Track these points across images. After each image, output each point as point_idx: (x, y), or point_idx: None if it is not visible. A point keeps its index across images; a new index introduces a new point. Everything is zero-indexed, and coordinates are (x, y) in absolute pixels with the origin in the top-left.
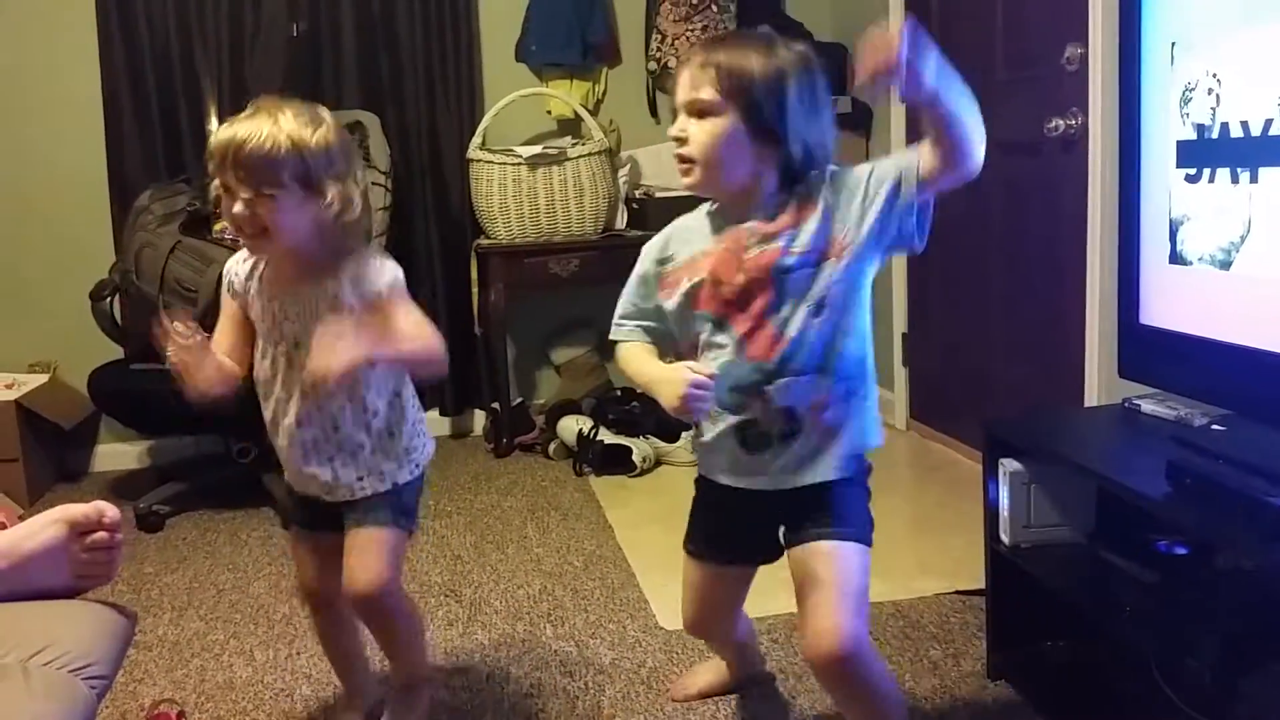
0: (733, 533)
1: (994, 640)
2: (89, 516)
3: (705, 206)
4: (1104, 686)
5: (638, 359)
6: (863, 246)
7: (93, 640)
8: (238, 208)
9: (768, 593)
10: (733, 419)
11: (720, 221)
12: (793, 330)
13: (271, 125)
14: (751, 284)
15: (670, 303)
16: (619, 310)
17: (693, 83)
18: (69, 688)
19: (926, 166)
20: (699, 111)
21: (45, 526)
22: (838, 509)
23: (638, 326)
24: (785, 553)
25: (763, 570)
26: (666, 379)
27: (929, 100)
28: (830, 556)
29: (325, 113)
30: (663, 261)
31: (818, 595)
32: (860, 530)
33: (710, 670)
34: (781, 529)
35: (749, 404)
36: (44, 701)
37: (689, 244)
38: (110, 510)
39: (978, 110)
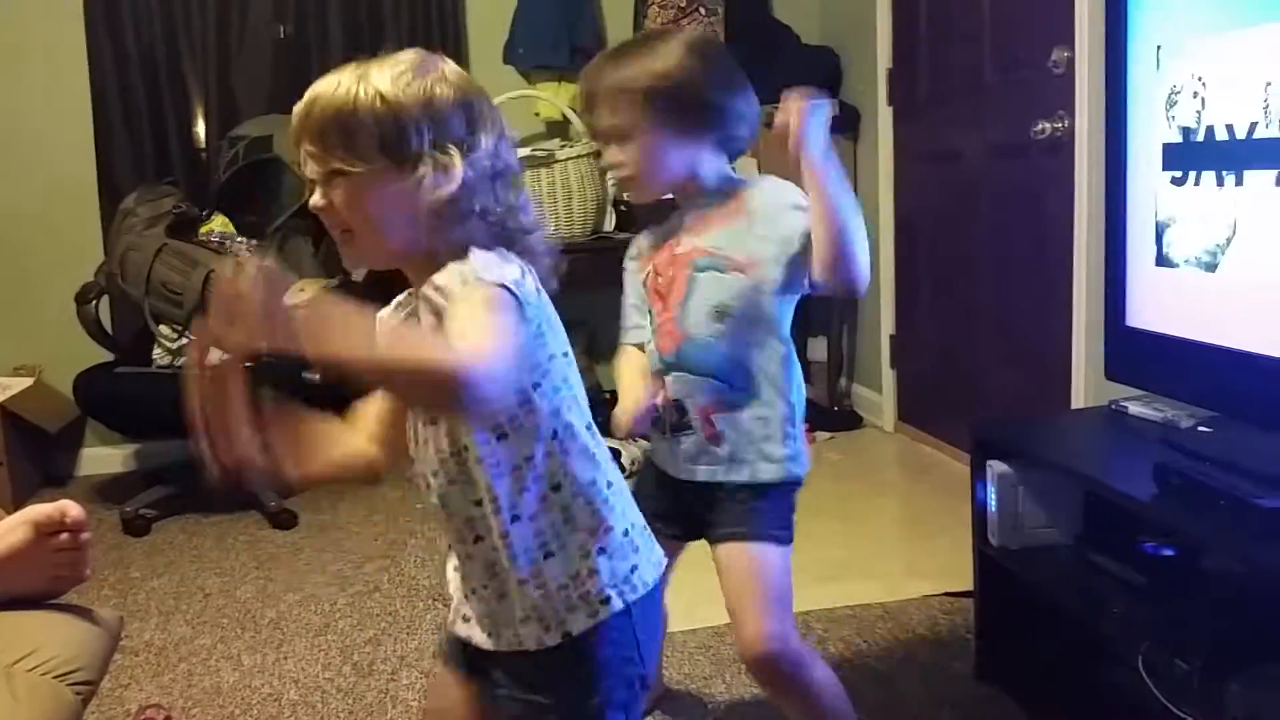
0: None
1: (982, 641)
2: (52, 517)
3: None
4: (1092, 687)
5: (619, 368)
6: (770, 283)
7: (78, 645)
8: (316, 195)
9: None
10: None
11: (678, 215)
12: (692, 328)
13: (349, 75)
14: (675, 275)
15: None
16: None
17: (602, 109)
18: (54, 693)
19: (814, 270)
20: (619, 136)
21: (11, 530)
22: (751, 512)
23: (630, 330)
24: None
25: (689, 583)
26: (620, 408)
27: (814, 178)
28: (744, 558)
29: (448, 64)
30: (633, 257)
31: (737, 600)
32: (775, 531)
33: None
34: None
35: (656, 390)
36: (29, 707)
37: (650, 235)
38: (74, 509)
39: (864, 236)
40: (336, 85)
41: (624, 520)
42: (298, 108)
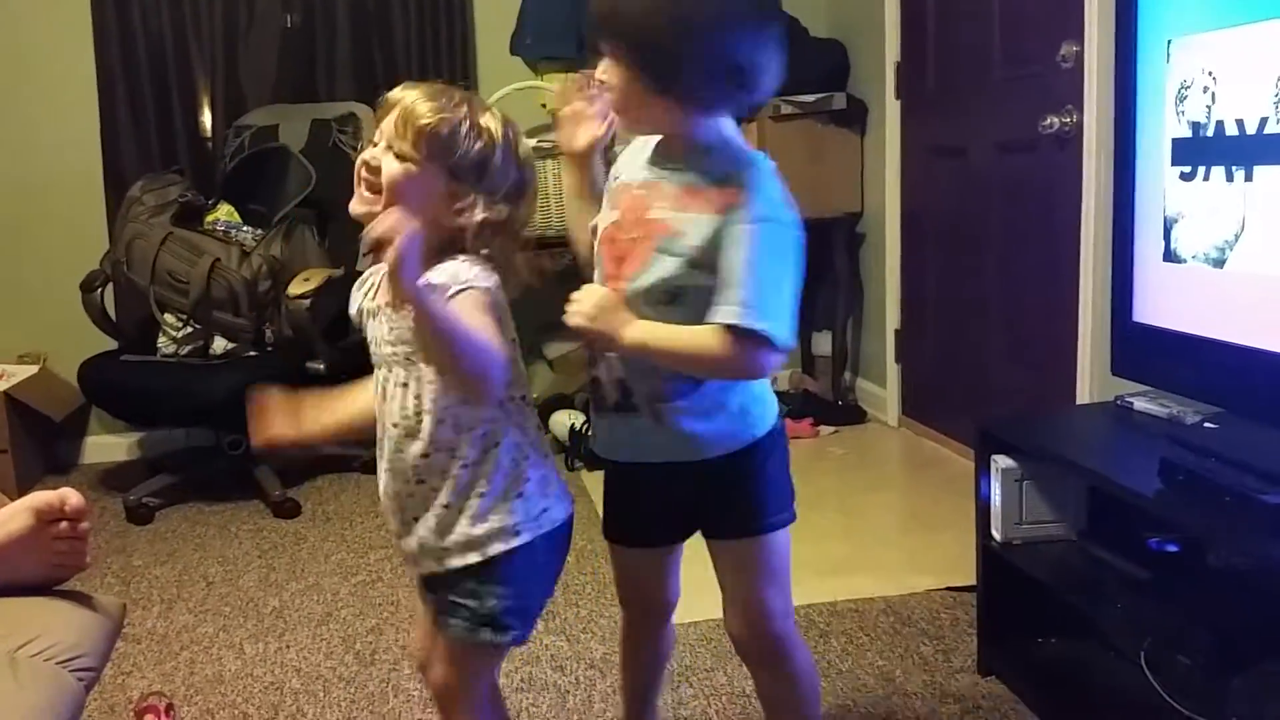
0: (635, 513)
1: (985, 636)
2: (52, 505)
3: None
4: (1095, 683)
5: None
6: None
7: (81, 632)
8: (374, 150)
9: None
10: (590, 371)
11: (658, 157)
12: (642, 307)
13: (463, 102)
14: (638, 242)
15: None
16: None
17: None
18: (57, 679)
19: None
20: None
21: (12, 517)
22: (738, 498)
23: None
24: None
25: (689, 577)
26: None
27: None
28: (738, 554)
29: (525, 138)
30: (614, 177)
31: (730, 591)
32: (768, 517)
33: None
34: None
35: (595, 361)
36: (32, 693)
37: (629, 165)
38: (73, 497)
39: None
40: (451, 102)
41: (539, 471)
42: (399, 96)
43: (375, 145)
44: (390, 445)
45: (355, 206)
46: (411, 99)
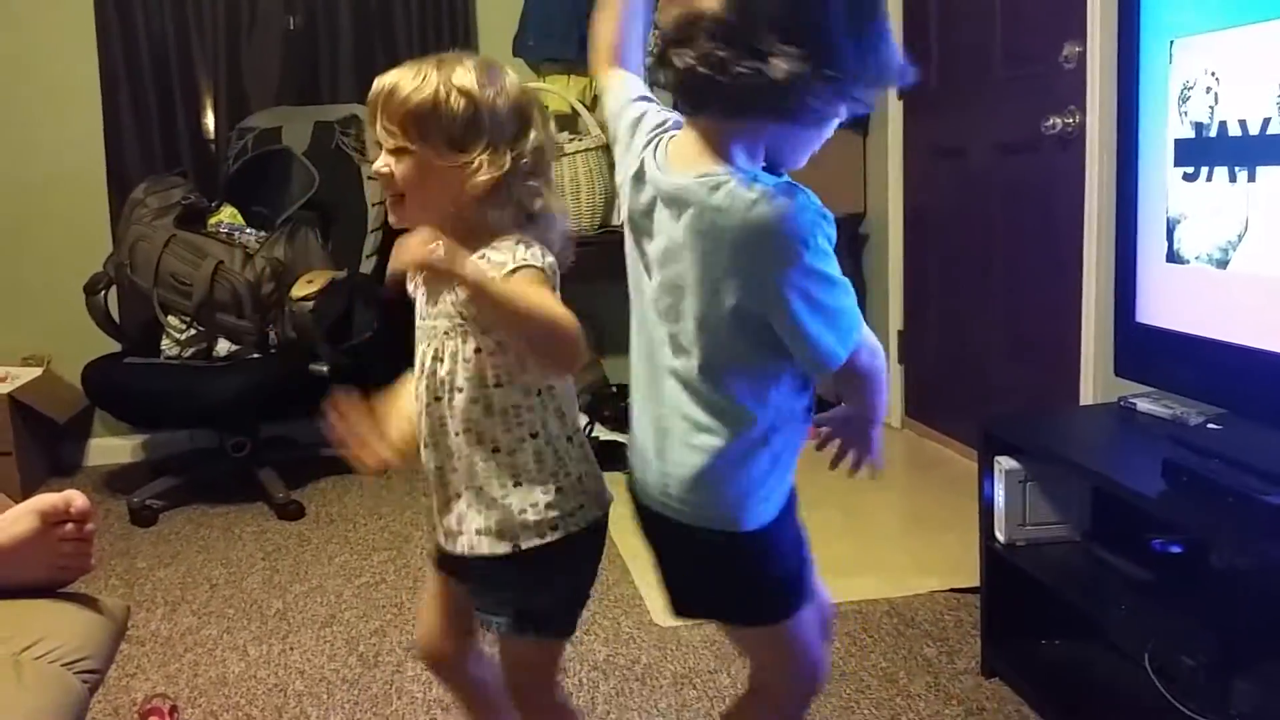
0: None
1: (989, 638)
2: (57, 507)
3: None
4: (1099, 684)
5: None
6: None
7: (85, 634)
8: (378, 162)
9: None
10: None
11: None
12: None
13: (432, 72)
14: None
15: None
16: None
17: None
18: (61, 682)
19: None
20: None
21: (17, 519)
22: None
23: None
24: None
25: None
26: None
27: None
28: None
29: (509, 75)
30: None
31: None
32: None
33: None
34: None
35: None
36: (36, 695)
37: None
38: (79, 499)
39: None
40: (421, 78)
41: (579, 468)
42: (374, 92)
43: (378, 154)
44: (429, 422)
45: (393, 219)
46: (385, 91)
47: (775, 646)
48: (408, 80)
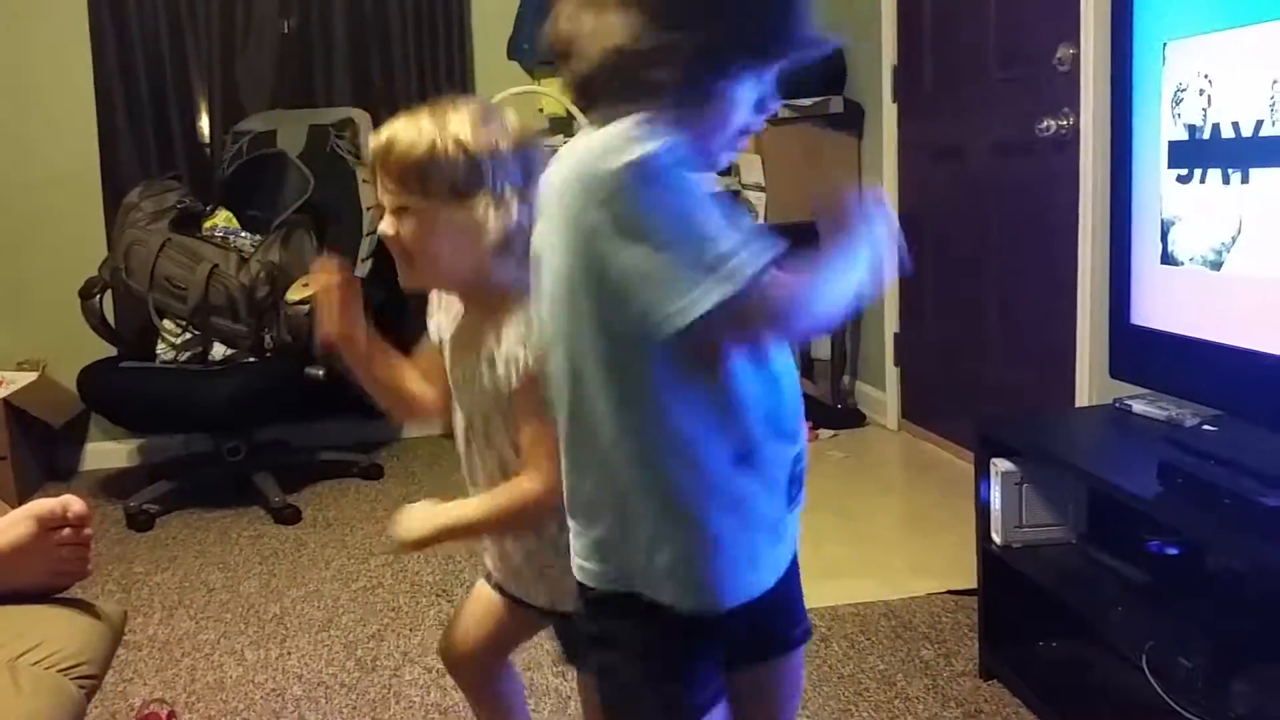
0: None
1: (986, 640)
2: (54, 512)
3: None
4: (1096, 686)
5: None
6: None
7: (82, 639)
8: (382, 224)
9: None
10: None
11: None
12: None
13: (429, 123)
14: None
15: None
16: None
17: None
18: (58, 687)
19: None
20: None
21: (13, 524)
22: None
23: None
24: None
25: None
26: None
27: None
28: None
29: (510, 116)
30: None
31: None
32: None
33: None
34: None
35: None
36: (33, 701)
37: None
38: (76, 504)
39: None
40: (418, 132)
41: None
42: (374, 146)
43: (385, 217)
44: (467, 464)
45: (404, 282)
46: (383, 147)
47: None
48: (403, 133)
